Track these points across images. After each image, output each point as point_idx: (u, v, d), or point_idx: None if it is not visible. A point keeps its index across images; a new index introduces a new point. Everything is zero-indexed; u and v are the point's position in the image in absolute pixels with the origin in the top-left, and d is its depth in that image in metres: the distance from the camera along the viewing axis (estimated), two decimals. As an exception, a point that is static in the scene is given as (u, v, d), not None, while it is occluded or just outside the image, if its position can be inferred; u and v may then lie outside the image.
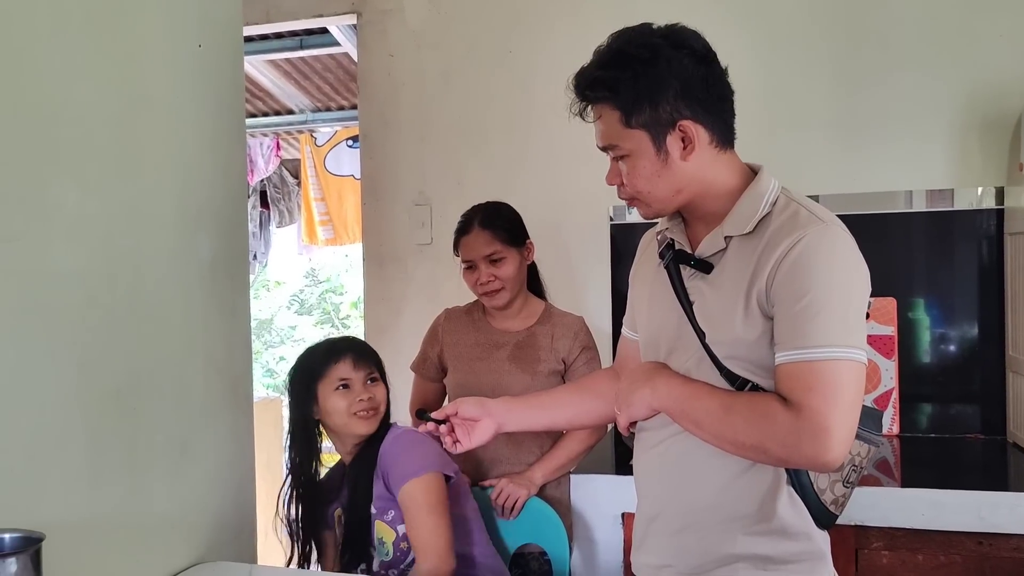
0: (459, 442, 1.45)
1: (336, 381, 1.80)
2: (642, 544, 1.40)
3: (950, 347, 2.38)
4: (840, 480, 1.26)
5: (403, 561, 1.77)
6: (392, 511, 1.77)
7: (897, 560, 1.80)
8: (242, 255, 1.90)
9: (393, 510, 1.76)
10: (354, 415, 1.79)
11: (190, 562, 1.68)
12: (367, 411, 1.80)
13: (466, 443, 1.45)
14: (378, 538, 1.79)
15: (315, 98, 4.67)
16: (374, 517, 1.79)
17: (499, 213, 2.10)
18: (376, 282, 2.96)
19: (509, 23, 2.77)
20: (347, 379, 1.80)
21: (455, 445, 1.45)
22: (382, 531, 1.78)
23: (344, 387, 1.80)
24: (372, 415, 1.80)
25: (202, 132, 1.76)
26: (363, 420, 1.79)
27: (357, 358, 1.82)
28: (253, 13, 3.02)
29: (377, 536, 1.79)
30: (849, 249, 1.20)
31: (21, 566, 1.11)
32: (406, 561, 1.77)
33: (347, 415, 1.79)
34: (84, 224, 1.43)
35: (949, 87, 2.39)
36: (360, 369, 1.82)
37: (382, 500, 1.77)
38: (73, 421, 1.40)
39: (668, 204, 1.29)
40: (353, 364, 1.81)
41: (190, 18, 1.72)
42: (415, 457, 1.75)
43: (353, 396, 1.79)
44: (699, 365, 1.27)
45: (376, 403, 1.81)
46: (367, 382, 1.82)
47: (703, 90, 1.23)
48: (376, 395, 1.82)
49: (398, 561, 1.77)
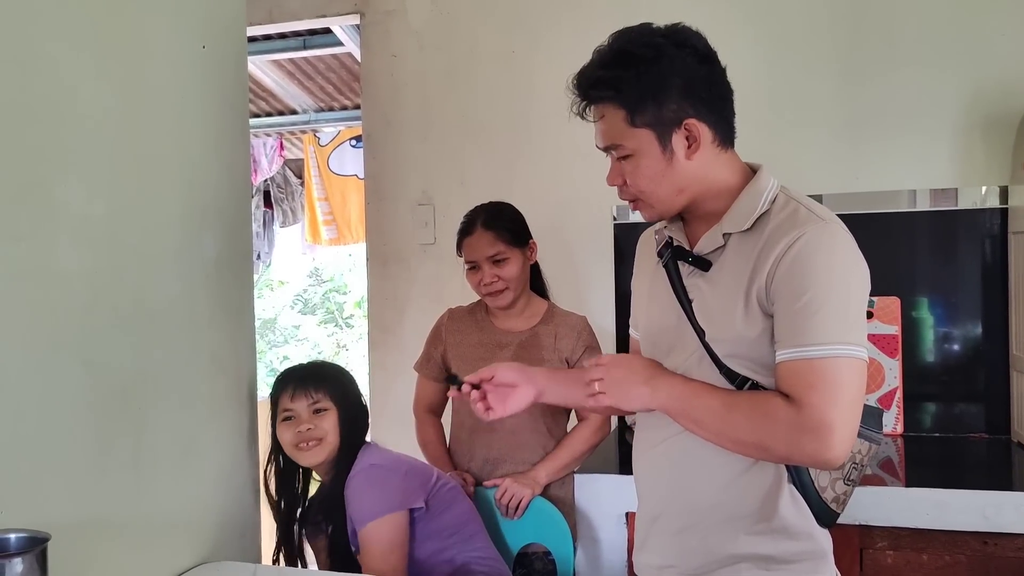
0: (492, 408, 1.38)
1: (282, 413, 1.78)
2: (644, 544, 1.40)
3: (954, 346, 2.38)
4: (841, 478, 1.26)
5: None
6: None
7: (902, 560, 1.80)
8: (246, 255, 1.90)
9: None
10: (295, 447, 1.76)
11: (195, 562, 1.68)
12: (306, 443, 1.75)
13: (499, 410, 1.38)
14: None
15: (318, 98, 4.68)
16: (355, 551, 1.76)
17: (502, 213, 2.10)
18: (380, 282, 2.96)
19: (512, 23, 2.77)
20: (289, 410, 1.77)
21: (487, 412, 1.38)
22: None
23: (288, 419, 1.77)
24: (314, 446, 1.75)
25: (206, 132, 1.76)
26: (302, 452, 1.76)
27: (296, 388, 1.78)
28: (257, 13, 3.02)
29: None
30: (848, 247, 1.20)
31: (27, 566, 1.11)
32: None
33: (291, 447, 1.77)
34: (89, 224, 1.44)
35: (953, 86, 2.38)
36: (299, 399, 1.77)
37: (355, 536, 1.75)
38: (79, 420, 1.40)
39: (671, 205, 1.29)
40: (291, 395, 1.78)
41: (194, 19, 1.73)
42: (376, 498, 1.71)
43: (294, 427, 1.76)
44: (699, 363, 1.27)
45: (320, 433, 1.75)
46: (312, 412, 1.77)
47: (706, 89, 1.24)
48: (320, 425, 1.76)
49: None
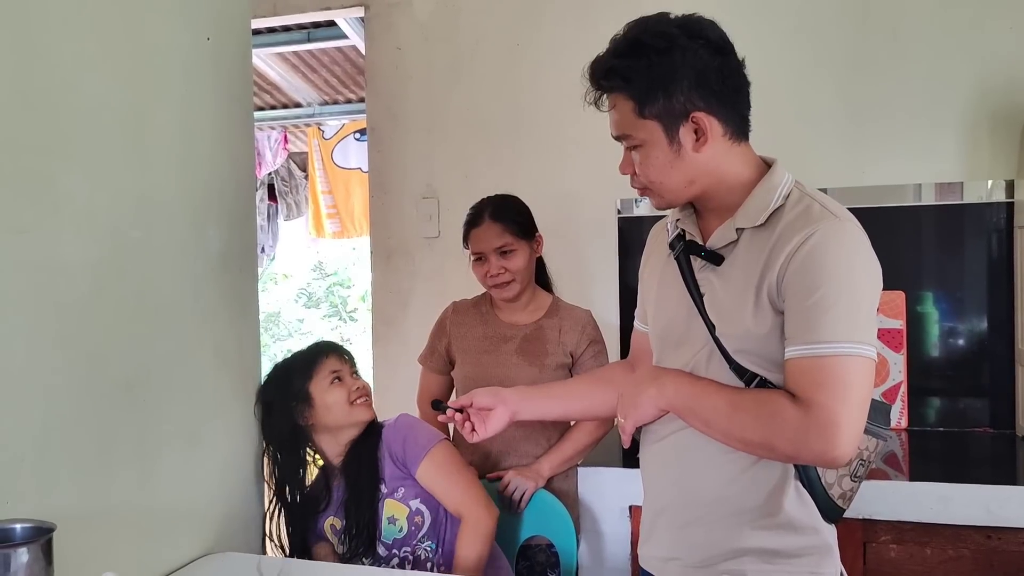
0: (475, 431, 1.47)
1: (329, 375, 1.85)
2: (649, 537, 1.41)
3: (959, 341, 2.37)
4: (848, 474, 1.26)
5: (417, 535, 1.80)
6: (402, 488, 1.81)
7: (905, 554, 1.80)
8: (250, 248, 1.90)
9: (403, 487, 1.81)
10: (354, 403, 1.84)
11: (199, 553, 1.69)
12: (364, 398, 1.87)
13: (482, 432, 1.47)
14: (388, 517, 1.80)
15: (322, 91, 4.67)
16: (383, 498, 1.81)
17: (509, 206, 2.10)
18: (383, 275, 2.96)
19: (517, 16, 2.76)
20: (338, 371, 1.87)
21: (472, 434, 1.47)
22: (393, 509, 1.80)
23: (338, 380, 1.85)
24: (369, 402, 1.88)
25: (211, 125, 1.76)
26: (363, 407, 1.86)
27: (341, 353, 1.91)
28: (261, 6, 3.02)
29: (387, 516, 1.80)
30: (861, 245, 1.19)
31: (32, 556, 1.12)
32: (420, 534, 1.79)
33: (347, 404, 1.84)
34: (94, 217, 1.44)
35: (959, 80, 2.37)
36: (346, 363, 1.90)
37: (394, 479, 1.81)
38: (83, 412, 1.41)
39: (680, 195, 1.29)
40: (340, 358, 1.89)
41: (199, 11, 1.72)
42: (422, 433, 1.84)
43: (348, 386, 1.85)
44: (709, 358, 1.27)
45: (368, 390, 1.89)
46: (352, 375, 1.90)
47: (718, 81, 1.22)
48: (364, 385, 1.89)
49: (411, 536, 1.80)
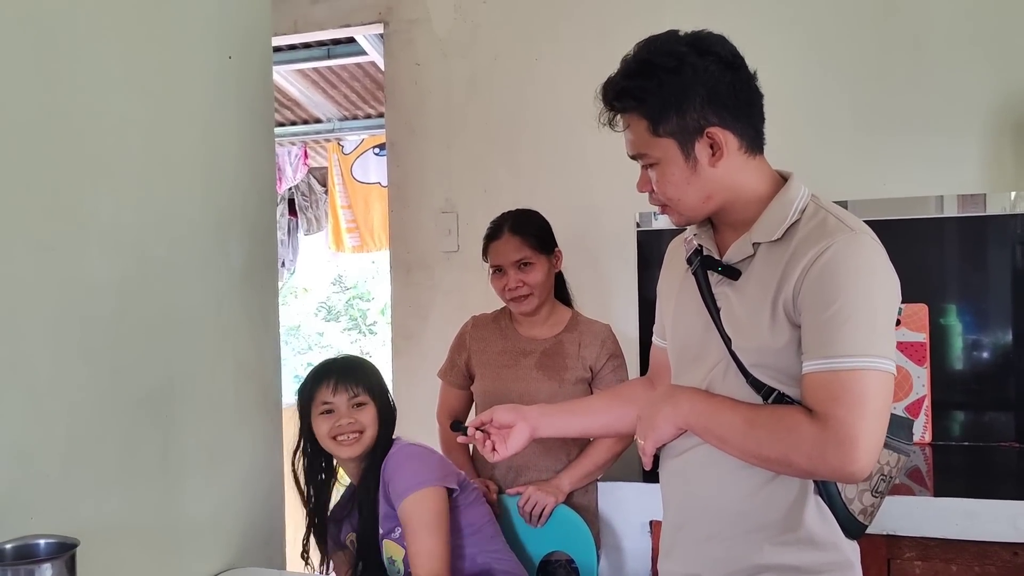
0: (496, 450, 1.44)
1: (320, 406, 1.78)
2: (670, 552, 1.40)
3: (983, 354, 2.34)
4: (868, 490, 1.24)
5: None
6: (398, 528, 1.74)
7: (930, 570, 1.77)
8: (271, 262, 1.92)
9: (399, 528, 1.73)
10: (334, 439, 1.76)
11: (221, 567, 1.70)
12: (348, 435, 1.76)
13: (503, 451, 1.44)
14: (388, 557, 1.77)
15: (342, 107, 4.71)
16: (382, 537, 1.77)
17: (529, 219, 2.10)
18: (403, 289, 2.97)
19: (534, 31, 2.77)
20: (329, 403, 1.77)
21: (493, 453, 1.45)
22: (391, 550, 1.77)
23: (327, 412, 1.77)
24: (354, 440, 1.76)
25: (233, 141, 1.78)
26: (343, 446, 1.76)
27: (339, 381, 1.78)
28: (282, 24, 3.05)
29: (387, 555, 1.77)
30: (878, 257, 1.18)
31: (56, 572, 1.13)
32: None
33: (328, 439, 1.76)
34: (118, 233, 1.46)
35: (981, 90, 2.36)
36: (341, 392, 1.77)
37: (388, 519, 1.75)
38: (107, 428, 1.42)
39: (698, 211, 1.29)
40: (333, 388, 1.77)
41: (221, 30, 1.75)
42: (413, 471, 1.72)
43: (334, 420, 1.76)
44: (725, 372, 1.27)
45: (360, 427, 1.76)
46: (352, 406, 1.78)
47: (730, 96, 1.22)
48: (360, 419, 1.77)
49: None
